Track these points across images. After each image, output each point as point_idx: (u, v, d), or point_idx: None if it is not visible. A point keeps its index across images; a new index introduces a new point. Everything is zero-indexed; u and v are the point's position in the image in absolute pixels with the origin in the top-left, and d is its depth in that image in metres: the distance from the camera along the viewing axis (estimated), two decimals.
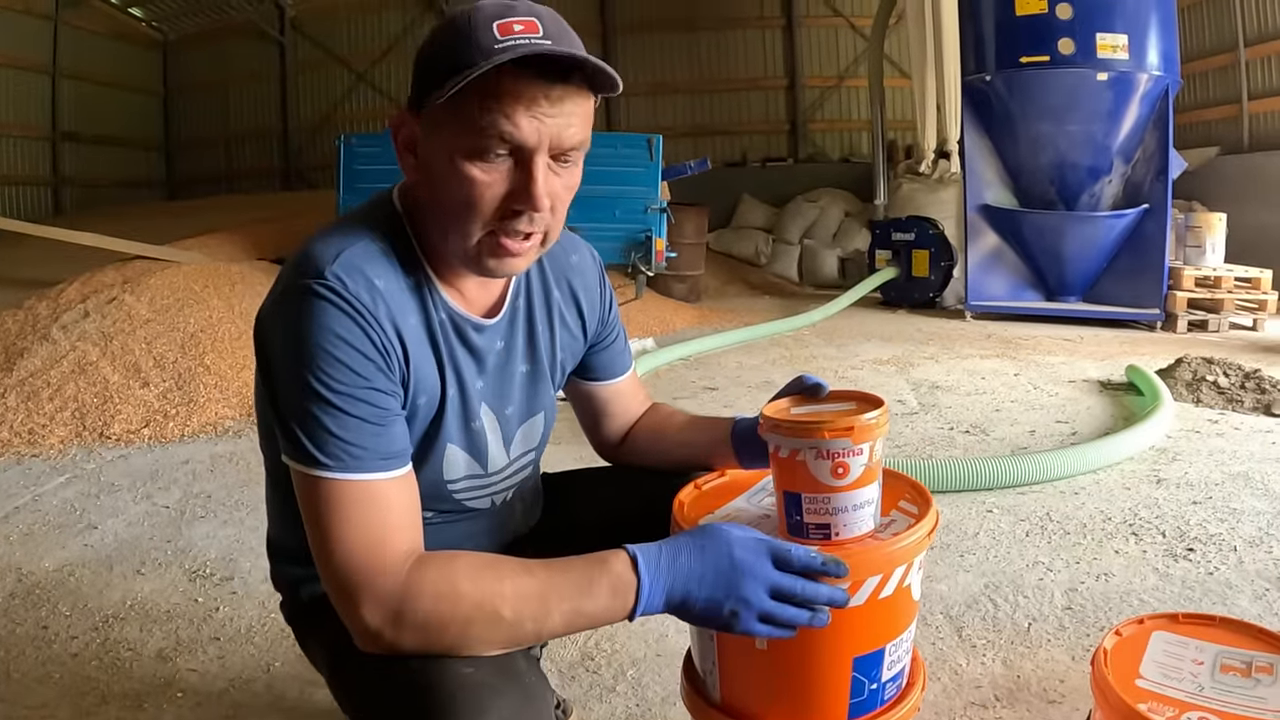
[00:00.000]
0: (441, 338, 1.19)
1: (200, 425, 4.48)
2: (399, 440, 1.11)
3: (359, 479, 1.05)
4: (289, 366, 1.06)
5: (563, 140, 1.09)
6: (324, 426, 1.04)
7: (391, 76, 15.75)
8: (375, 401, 1.07)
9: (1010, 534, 2.90)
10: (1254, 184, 9.98)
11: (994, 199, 8.26)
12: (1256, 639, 1.51)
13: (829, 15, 15.00)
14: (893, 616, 1.19)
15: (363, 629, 1.02)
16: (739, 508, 1.32)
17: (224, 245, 8.01)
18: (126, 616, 2.50)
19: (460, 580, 1.01)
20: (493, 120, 1.04)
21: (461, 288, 1.22)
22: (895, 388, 5.23)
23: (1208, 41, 11.28)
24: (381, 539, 1.03)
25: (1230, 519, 2.97)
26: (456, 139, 1.07)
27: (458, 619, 1.00)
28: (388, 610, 1.01)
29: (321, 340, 1.05)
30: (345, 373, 1.05)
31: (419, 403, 1.18)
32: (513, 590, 1.01)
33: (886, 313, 9.04)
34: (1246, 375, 4.71)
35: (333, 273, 1.07)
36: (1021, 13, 7.58)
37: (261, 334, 1.11)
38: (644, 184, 8.15)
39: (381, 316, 1.09)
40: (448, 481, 1.26)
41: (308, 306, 1.06)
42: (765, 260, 12.74)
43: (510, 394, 1.31)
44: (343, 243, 1.12)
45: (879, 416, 1.16)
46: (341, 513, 1.04)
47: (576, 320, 1.40)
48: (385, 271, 1.13)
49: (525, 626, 1.01)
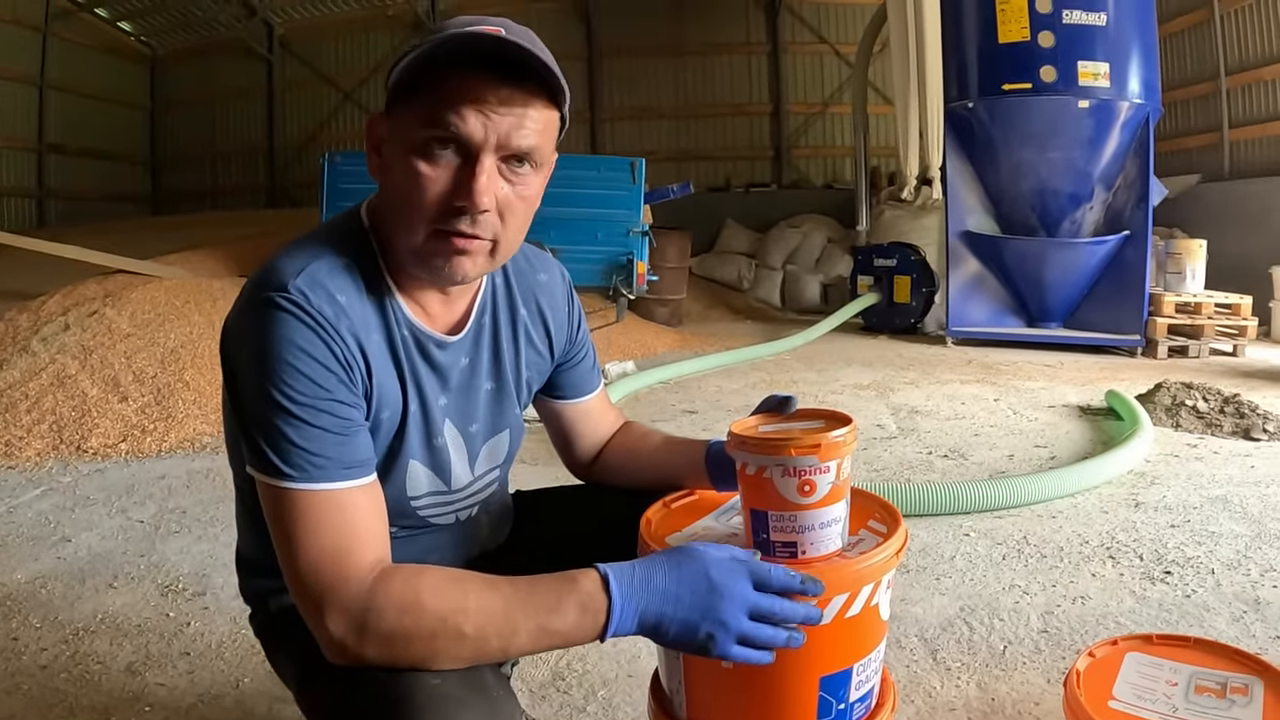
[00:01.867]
0: (404, 353, 1.19)
1: (178, 441, 4.45)
2: (363, 450, 1.11)
3: (323, 488, 1.05)
4: (252, 379, 1.06)
5: (510, 141, 1.09)
6: (287, 437, 1.04)
7: (378, 96, 15.78)
8: (337, 412, 1.07)
9: (987, 557, 2.90)
10: (1234, 211, 10.09)
11: (976, 225, 8.32)
12: (1232, 660, 1.51)
13: (814, 42, 15.15)
14: (860, 636, 1.19)
15: (328, 639, 1.01)
16: (707, 526, 1.32)
17: (207, 261, 8.00)
18: (97, 630, 2.47)
19: (424, 594, 1.00)
20: (439, 112, 1.06)
21: (425, 304, 1.23)
22: (875, 412, 5.24)
23: (1189, 70, 11.42)
24: (347, 547, 1.03)
25: (1208, 542, 2.98)
26: (410, 134, 1.09)
27: (421, 633, 0.99)
28: (352, 620, 1.00)
29: (284, 352, 1.05)
30: (307, 384, 1.05)
31: (382, 417, 1.18)
32: (477, 606, 1.00)
33: (868, 338, 9.08)
34: (1226, 400, 4.73)
35: (295, 286, 1.08)
36: (1004, 40, 7.67)
37: (226, 346, 1.12)
38: (626, 207, 8.18)
39: (344, 330, 1.10)
40: (411, 497, 1.25)
41: (270, 319, 1.06)
42: (748, 285, 12.80)
43: (475, 411, 1.31)
44: (307, 257, 1.12)
45: (846, 434, 1.16)
46: (306, 522, 1.04)
47: (543, 339, 1.40)
48: (348, 286, 1.13)
49: (490, 643, 1.00)
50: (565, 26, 14.79)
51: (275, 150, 16.40)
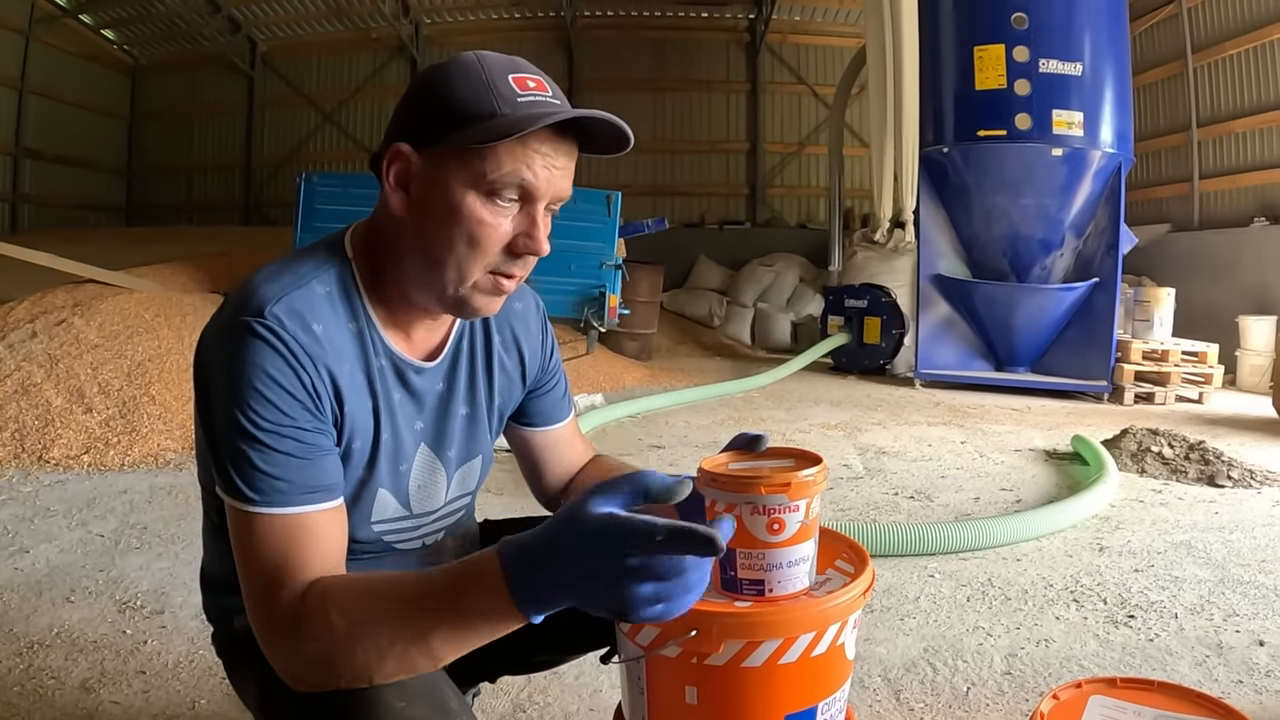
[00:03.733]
0: (379, 382, 1.20)
1: (141, 455, 4.40)
2: (329, 475, 1.11)
3: (282, 513, 1.05)
4: (222, 402, 1.07)
5: (561, 193, 1.15)
6: (251, 462, 1.05)
7: (357, 118, 15.83)
8: (301, 438, 1.08)
9: (951, 598, 2.91)
10: (1203, 260, 10.27)
11: (947, 269, 8.41)
12: (1195, 704, 1.51)
13: (793, 82, 15.33)
14: (826, 675, 1.19)
15: (279, 666, 1.01)
16: None
17: (179, 275, 7.94)
18: (53, 644, 2.44)
19: (332, 613, 0.98)
20: (515, 169, 1.09)
21: (408, 330, 1.24)
22: (842, 452, 5.26)
23: (1162, 121, 11.63)
24: (300, 571, 1.03)
25: (1172, 587, 3.01)
26: (471, 180, 1.10)
27: (343, 652, 0.97)
28: (288, 645, 1.00)
29: (254, 378, 1.05)
30: (273, 411, 1.06)
31: (354, 447, 1.18)
32: (390, 607, 0.97)
33: (837, 378, 9.14)
34: (1191, 447, 4.79)
35: (273, 313, 1.08)
36: (981, 87, 7.79)
37: (200, 365, 1.12)
38: (601, 239, 8.24)
39: (316, 360, 1.10)
40: (374, 523, 1.25)
41: (245, 344, 1.07)
42: (719, 322, 12.87)
43: (451, 436, 1.32)
44: (287, 283, 1.12)
45: (816, 474, 1.16)
46: (261, 546, 1.04)
47: (516, 366, 1.41)
48: (326, 316, 1.14)
49: (412, 641, 0.96)
50: (548, 56, 14.87)
51: (252, 167, 16.32)
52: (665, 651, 1.13)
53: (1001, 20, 7.73)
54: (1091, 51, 7.69)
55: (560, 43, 15.35)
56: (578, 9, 15.11)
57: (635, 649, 1.17)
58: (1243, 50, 10.33)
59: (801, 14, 15.18)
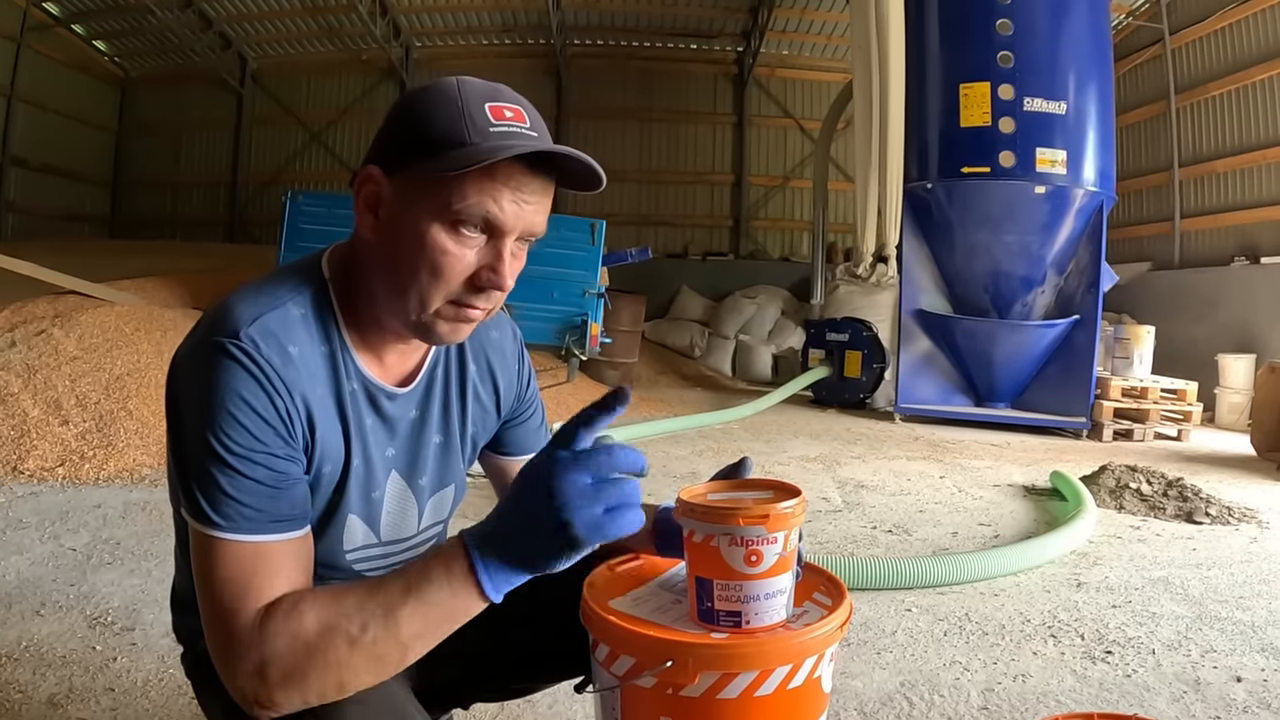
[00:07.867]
0: (351, 407, 1.18)
1: (117, 470, 4.36)
2: (298, 504, 1.09)
3: (248, 540, 1.03)
4: (192, 423, 1.05)
5: (533, 228, 1.12)
6: (219, 486, 1.02)
7: (344, 139, 15.86)
8: (272, 466, 1.06)
9: (928, 633, 2.90)
10: (1183, 298, 10.38)
11: (929, 304, 8.47)
12: None
13: (779, 116, 15.47)
14: (802, 708, 1.18)
15: (239, 694, 0.99)
16: (651, 591, 1.31)
17: (161, 290, 7.91)
18: (20, 657, 2.40)
19: (306, 617, 0.98)
20: (480, 201, 1.06)
21: (382, 355, 1.22)
22: (821, 485, 5.26)
23: (1144, 160, 11.78)
24: (264, 599, 1.01)
25: (1149, 623, 3.01)
26: (436, 209, 1.07)
27: (315, 657, 0.96)
28: (251, 668, 0.97)
29: (226, 401, 1.04)
30: (245, 435, 1.04)
31: (323, 472, 1.16)
32: (355, 604, 0.98)
33: (817, 411, 9.15)
34: (1169, 484, 4.82)
35: (247, 335, 1.06)
36: (966, 124, 7.87)
37: (172, 384, 1.10)
38: (584, 268, 8.26)
39: (290, 384, 1.09)
40: (345, 551, 1.24)
41: (218, 366, 1.05)
42: (700, 353, 12.91)
43: (424, 464, 1.30)
44: (263, 305, 1.11)
45: (795, 506, 1.16)
46: (225, 572, 1.02)
47: (491, 395, 1.39)
48: (301, 339, 1.12)
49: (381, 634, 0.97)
50: (536, 84, 14.94)
51: (238, 184, 16.31)
52: (640, 682, 1.12)
53: (988, 58, 7.83)
54: (1076, 91, 7.79)
55: (549, 70, 15.45)
56: (568, 37, 15.22)
57: (610, 678, 1.16)
58: (1225, 91, 10.50)
59: (789, 48, 15.35)
